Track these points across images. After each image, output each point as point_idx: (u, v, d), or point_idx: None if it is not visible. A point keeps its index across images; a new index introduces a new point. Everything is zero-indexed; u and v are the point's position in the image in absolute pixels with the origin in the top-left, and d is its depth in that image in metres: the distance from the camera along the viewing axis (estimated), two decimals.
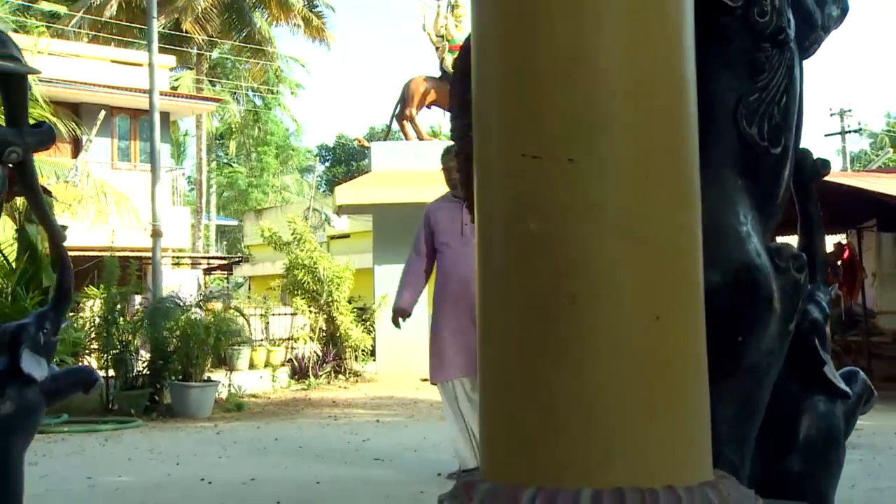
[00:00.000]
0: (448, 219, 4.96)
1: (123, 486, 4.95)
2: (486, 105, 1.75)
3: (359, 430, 7.48)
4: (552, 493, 1.57)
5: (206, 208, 29.45)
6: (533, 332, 1.64)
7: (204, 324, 9.10)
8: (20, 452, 3.45)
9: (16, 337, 3.46)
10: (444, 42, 12.65)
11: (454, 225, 4.92)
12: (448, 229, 4.93)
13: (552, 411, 1.61)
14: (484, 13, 1.78)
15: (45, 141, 3.70)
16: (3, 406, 3.37)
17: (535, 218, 1.64)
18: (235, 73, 28.90)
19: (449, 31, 12.68)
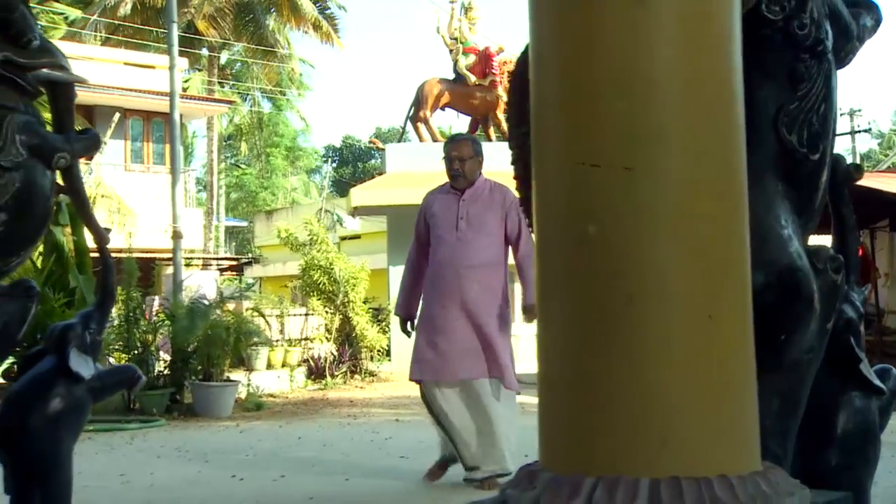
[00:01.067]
0: (443, 210, 4.77)
1: (157, 483, 5.06)
2: (546, 116, 1.85)
3: (379, 428, 7.58)
4: (612, 481, 1.66)
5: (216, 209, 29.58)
6: (591, 330, 1.74)
7: (224, 324, 9.22)
8: (69, 448, 3.56)
9: (63, 336, 3.58)
10: (458, 44, 12.75)
11: (449, 217, 4.72)
12: (443, 222, 4.73)
13: (610, 405, 1.71)
14: (542, 28, 1.88)
15: (90, 147, 3.82)
16: (53, 403, 3.49)
17: (593, 222, 1.74)
18: (246, 74, 29.04)
19: (463, 33, 12.78)
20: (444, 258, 4.65)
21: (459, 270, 4.57)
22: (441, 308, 4.60)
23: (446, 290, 4.59)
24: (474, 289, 4.55)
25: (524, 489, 1.77)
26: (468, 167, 4.76)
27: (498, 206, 4.69)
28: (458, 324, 4.54)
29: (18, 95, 3.44)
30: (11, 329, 3.43)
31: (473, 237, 4.62)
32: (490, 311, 4.57)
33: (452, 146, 4.90)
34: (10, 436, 3.47)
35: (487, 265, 4.59)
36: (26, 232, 3.51)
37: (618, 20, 1.75)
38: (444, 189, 4.88)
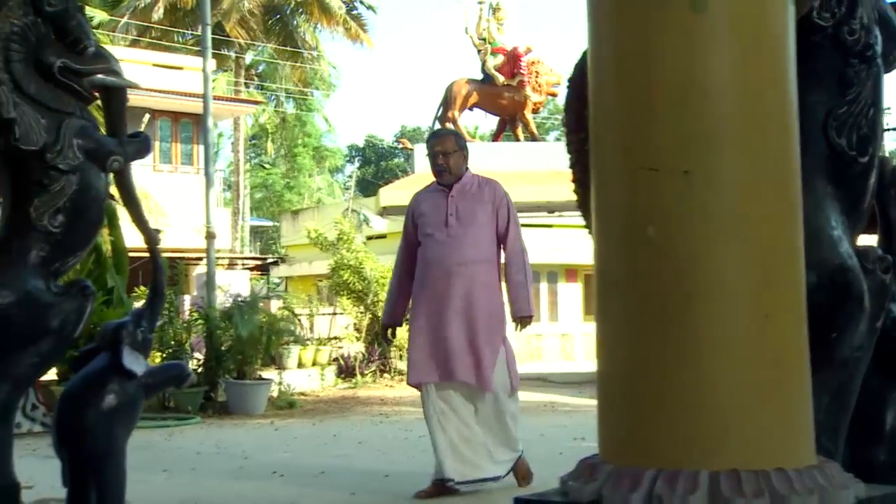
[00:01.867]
0: (432, 208, 4.56)
1: (200, 478, 5.17)
2: (604, 122, 1.92)
3: (412, 426, 7.65)
4: (673, 473, 1.73)
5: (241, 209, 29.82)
6: (651, 328, 1.81)
7: (258, 323, 9.35)
8: (123, 442, 3.67)
9: (116, 335, 3.69)
10: (487, 45, 12.82)
11: (438, 215, 4.51)
12: (432, 220, 4.53)
13: (670, 400, 1.78)
14: (600, 36, 1.95)
15: (142, 150, 3.93)
16: (108, 399, 3.60)
17: (653, 224, 1.81)
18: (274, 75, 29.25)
19: (491, 33, 12.86)
20: (434, 256, 4.48)
21: (451, 268, 4.41)
22: (433, 308, 4.44)
23: (438, 289, 4.43)
24: (466, 286, 4.39)
25: (585, 481, 1.85)
26: (453, 161, 4.56)
27: (488, 201, 4.52)
28: (451, 323, 4.38)
29: (75, 100, 3.56)
30: (68, 327, 3.55)
31: (464, 233, 4.45)
32: (483, 308, 4.41)
33: (435, 141, 4.72)
34: (67, 431, 3.59)
35: (479, 261, 4.44)
36: (82, 233, 3.63)
37: (675, 28, 1.82)
38: (431, 188, 4.71)
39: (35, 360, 3.47)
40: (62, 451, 3.62)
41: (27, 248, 3.43)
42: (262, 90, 30.26)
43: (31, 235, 3.43)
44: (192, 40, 26.07)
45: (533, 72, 12.77)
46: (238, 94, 26.79)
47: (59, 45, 3.49)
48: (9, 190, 3.48)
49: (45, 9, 3.43)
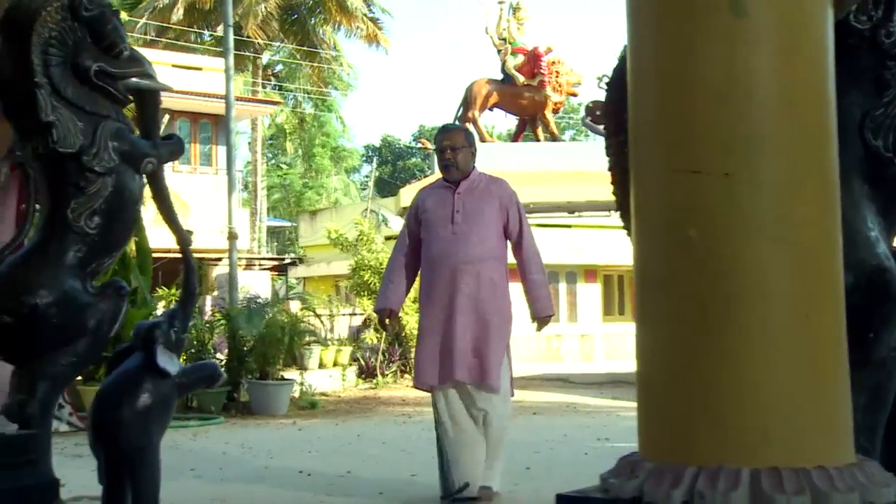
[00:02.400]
0: (438, 205, 4.45)
1: (228, 477, 5.24)
2: (645, 125, 1.96)
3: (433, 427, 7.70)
4: (714, 471, 1.77)
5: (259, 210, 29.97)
6: (692, 329, 1.85)
7: (280, 324, 9.44)
8: (158, 441, 3.73)
9: (150, 334, 3.75)
10: (507, 45, 12.87)
11: (444, 212, 4.40)
12: (437, 217, 4.41)
13: (711, 399, 1.82)
14: (640, 41, 1.99)
15: (175, 152, 4.00)
16: (142, 398, 3.66)
17: (694, 226, 1.85)
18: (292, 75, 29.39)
19: (511, 33, 12.90)
20: (439, 254, 4.36)
21: (457, 266, 4.29)
22: (439, 307, 4.32)
23: (443, 287, 4.31)
24: (472, 284, 4.28)
25: (626, 478, 1.88)
26: (461, 157, 4.44)
27: (496, 199, 4.42)
28: (458, 323, 4.27)
29: (110, 103, 3.63)
30: (104, 327, 3.63)
31: (470, 231, 4.34)
32: (489, 307, 4.30)
33: (444, 136, 4.54)
34: (103, 429, 3.66)
35: (485, 259, 4.32)
36: (118, 234, 3.71)
37: (716, 33, 1.86)
38: (437, 184, 4.60)
39: (72, 360, 3.55)
40: (98, 449, 3.69)
41: (65, 249, 3.50)
42: (280, 91, 30.40)
43: (68, 237, 3.50)
44: (210, 41, 26.25)
45: (553, 72, 12.80)
46: (255, 94, 26.94)
47: (95, 49, 3.57)
48: (46, 192, 3.56)
49: (82, 13, 3.50)
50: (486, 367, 4.26)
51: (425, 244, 4.44)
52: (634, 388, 7.96)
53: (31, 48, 3.38)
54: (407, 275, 4.57)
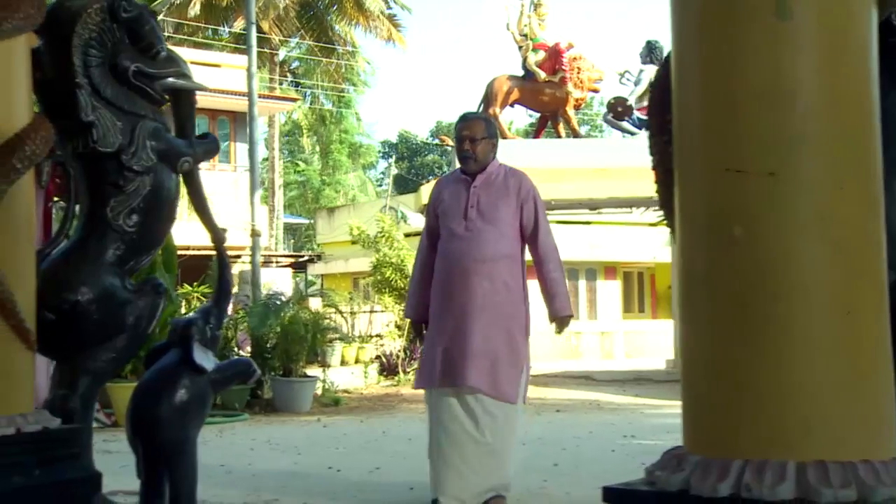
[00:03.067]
0: (452, 199, 4.24)
1: (258, 473, 5.32)
2: (690, 125, 2.01)
3: None
4: (760, 464, 1.82)
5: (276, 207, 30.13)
6: (737, 325, 1.91)
7: (302, 321, 9.53)
8: (195, 436, 3.82)
9: (186, 331, 3.84)
10: (528, 41, 12.90)
11: (458, 206, 4.20)
12: (451, 211, 4.22)
13: (757, 394, 1.87)
14: (685, 44, 2.05)
15: (211, 150, 4.08)
16: (179, 394, 3.75)
17: (738, 224, 1.90)
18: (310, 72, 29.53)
19: (532, 29, 12.93)
20: (451, 252, 4.16)
21: (468, 265, 4.07)
22: (450, 308, 4.11)
23: (454, 287, 4.10)
24: (484, 285, 4.06)
25: (672, 471, 1.94)
26: (480, 149, 4.22)
27: (513, 194, 4.19)
28: (469, 325, 4.03)
29: (148, 103, 3.71)
30: (143, 324, 3.71)
31: (484, 228, 4.12)
32: (504, 309, 4.08)
33: (463, 125, 4.32)
34: (141, 425, 3.75)
35: (499, 259, 4.10)
36: (155, 232, 3.79)
37: (761, 35, 1.91)
38: (454, 176, 4.41)
39: (112, 356, 3.63)
40: (136, 444, 3.78)
41: (104, 247, 3.58)
42: (297, 87, 30.53)
43: (107, 235, 3.59)
44: (227, 37, 26.39)
45: (575, 68, 12.82)
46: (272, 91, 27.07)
47: (132, 50, 3.64)
48: (86, 191, 3.64)
49: (120, 15, 3.58)
50: (498, 375, 4.04)
51: (440, 240, 4.25)
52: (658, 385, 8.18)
53: (73, 49, 3.46)
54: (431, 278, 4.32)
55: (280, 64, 29.39)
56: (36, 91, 3.39)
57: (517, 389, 4.11)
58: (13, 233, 3.20)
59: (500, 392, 4.04)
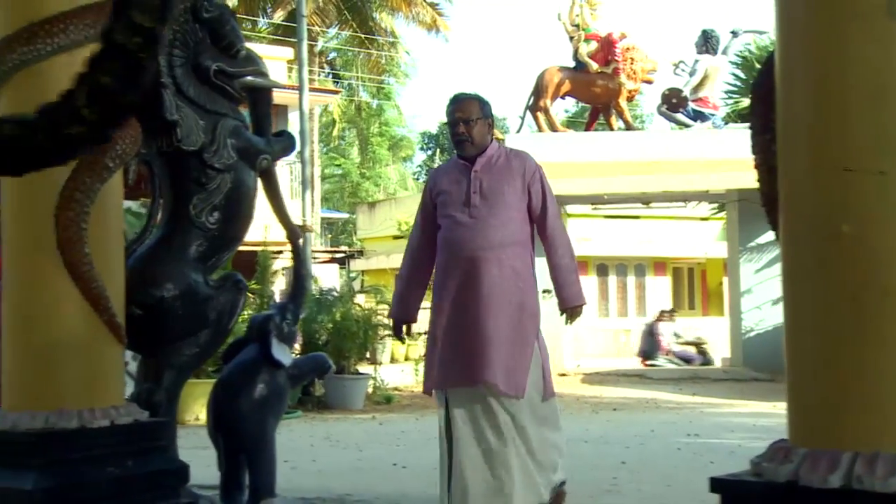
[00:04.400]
0: (452, 186, 4.06)
1: (324, 469, 5.49)
2: (796, 124, 2.10)
3: None
4: (871, 456, 1.91)
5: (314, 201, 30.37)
6: (846, 320, 1.99)
7: (354, 317, 9.71)
8: (273, 430, 3.99)
9: (264, 327, 4.01)
10: (580, 31, 12.93)
11: (459, 193, 4.02)
12: (452, 199, 4.03)
13: (867, 388, 1.96)
14: (790, 43, 2.14)
15: (288, 148, 4.24)
16: (258, 389, 3.92)
17: (847, 221, 1.99)
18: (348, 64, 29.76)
19: (584, 19, 12.97)
20: (455, 241, 3.98)
21: (475, 253, 3.91)
22: (455, 300, 3.92)
23: (461, 277, 3.92)
24: (492, 273, 3.89)
25: (780, 462, 2.04)
26: (476, 130, 4.03)
27: (517, 176, 4.02)
28: (476, 318, 3.86)
29: (228, 101, 3.88)
30: (224, 319, 3.87)
31: (489, 213, 3.95)
32: (513, 299, 3.91)
33: (455, 106, 4.10)
34: (222, 419, 3.92)
35: (507, 245, 3.94)
36: (236, 228, 3.95)
37: (870, 33, 1.99)
38: (452, 162, 4.24)
39: (195, 350, 3.80)
40: (217, 438, 3.95)
41: (187, 244, 3.76)
42: (336, 79, 30.76)
43: (190, 232, 3.76)
44: (266, 28, 26.66)
45: (628, 58, 12.83)
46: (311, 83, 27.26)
47: (213, 50, 3.81)
48: (170, 189, 3.81)
49: (202, 15, 3.75)
50: (511, 368, 3.84)
51: (441, 230, 4.08)
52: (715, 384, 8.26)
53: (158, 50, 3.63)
54: (422, 273, 4.19)
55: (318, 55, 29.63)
56: None
57: (527, 381, 3.87)
58: (104, 230, 3.38)
59: (514, 385, 3.84)
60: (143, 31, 1.48)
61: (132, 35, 1.47)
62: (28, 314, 3.28)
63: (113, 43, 1.47)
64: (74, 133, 1.37)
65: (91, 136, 1.45)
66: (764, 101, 2.20)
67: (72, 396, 3.24)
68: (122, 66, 1.46)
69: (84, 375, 3.28)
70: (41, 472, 3.09)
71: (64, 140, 1.39)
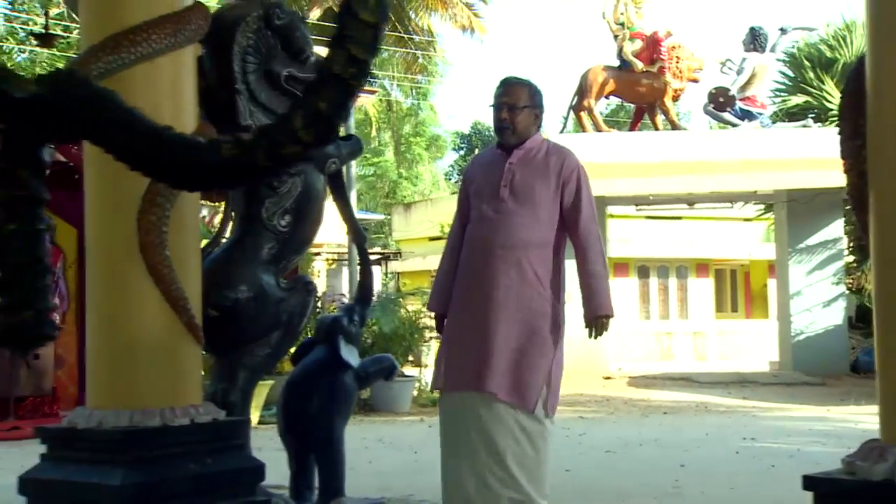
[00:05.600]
0: (485, 175, 3.86)
1: (383, 471, 5.60)
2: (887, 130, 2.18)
3: (568, 425, 7.96)
4: None
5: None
6: None
7: (401, 319, 9.83)
8: (342, 429, 4.11)
9: (332, 329, 4.13)
10: (624, 30, 12.97)
11: (490, 184, 3.79)
12: (483, 190, 3.82)
13: None
14: (882, 47, 2.21)
15: (355, 151, 4.36)
16: (328, 389, 4.04)
17: None
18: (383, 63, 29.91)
19: (629, 18, 13.01)
20: (477, 237, 3.78)
21: (494, 251, 3.68)
22: (470, 301, 3.73)
23: (477, 277, 3.71)
24: (511, 275, 3.66)
25: (875, 462, 2.11)
26: (521, 119, 3.79)
27: (553, 174, 3.76)
28: (490, 322, 3.64)
29: None
30: (295, 321, 4.00)
31: (516, 210, 3.73)
32: (532, 304, 3.66)
33: (503, 90, 3.86)
34: (291, 420, 4.04)
35: (530, 247, 3.70)
36: (306, 231, 4.07)
37: None
38: (490, 150, 4.02)
39: (268, 351, 3.92)
40: (288, 437, 4.08)
41: (260, 247, 3.88)
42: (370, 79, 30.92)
43: (263, 235, 3.89)
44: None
45: (673, 57, 12.86)
46: None
47: (284, 56, 3.94)
48: (242, 193, 3.94)
49: (274, 22, 3.88)
50: (522, 379, 3.62)
51: (470, 223, 3.87)
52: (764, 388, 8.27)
53: (233, 57, 3.77)
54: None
55: None
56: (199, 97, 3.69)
57: (538, 397, 3.62)
58: (183, 234, 3.51)
59: (521, 399, 3.61)
60: (359, 63, 1.65)
61: (349, 66, 1.64)
62: (111, 315, 3.42)
63: (330, 73, 1.64)
64: (290, 152, 1.51)
65: (304, 154, 1.60)
66: (853, 106, 2.27)
67: (154, 395, 3.37)
68: (338, 94, 1.64)
69: (165, 375, 3.41)
70: (127, 469, 3.22)
71: (281, 158, 1.53)
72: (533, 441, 3.64)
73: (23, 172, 1.61)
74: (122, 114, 1.65)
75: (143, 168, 1.69)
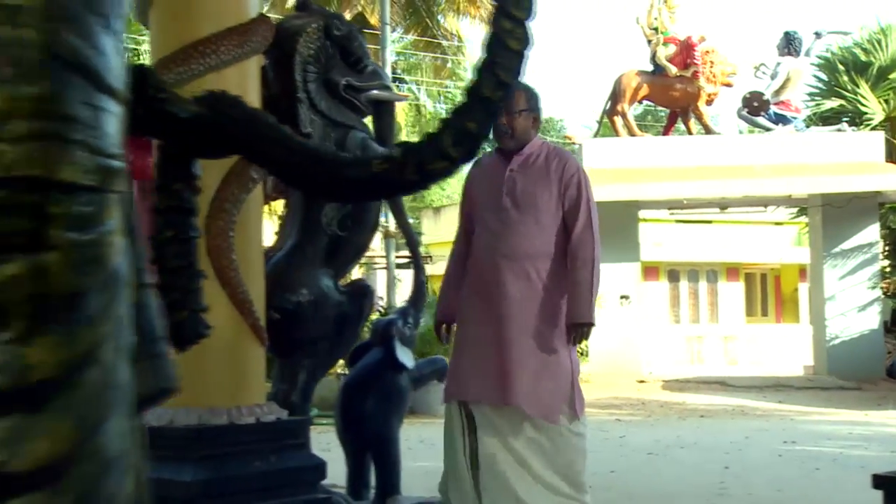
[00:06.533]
0: (486, 183, 3.78)
1: (431, 471, 5.64)
2: None
3: (606, 427, 8.04)
4: None
5: None
6: None
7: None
8: (397, 430, 4.21)
9: (387, 331, 4.23)
10: (658, 34, 13.01)
11: (492, 192, 3.71)
12: (484, 198, 3.75)
13: None
14: None
15: None
16: (384, 391, 4.15)
17: None
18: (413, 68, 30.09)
19: (663, 22, 13.05)
20: (482, 246, 3.70)
21: (499, 262, 3.61)
22: (478, 313, 3.66)
23: (486, 289, 3.64)
24: (520, 287, 3.60)
25: None
26: (519, 123, 3.71)
27: (554, 179, 3.66)
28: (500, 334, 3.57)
29: (355, 115, 4.12)
30: (353, 324, 4.11)
31: (519, 219, 3.65)
32: (541, 315, 3.60)
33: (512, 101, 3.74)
34: (350, 421, 4.15)
35: (537, 256, 3.63)
36: (363, 237, 4.19)
37: None
38: (489, 156, 3.92)
39: (326, 353, 4.04)
40: (345, 438, 4.19)
41: (319, 252, 4.00)
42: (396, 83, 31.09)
43: (322, 240, 4.00)
44: None
45: (707, 62, 12.88)
46: None
47: (342, 65, 4.05)
48: (302, 199, 4.06)
49: (334, 33, 4.00)
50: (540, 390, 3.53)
51: (475, 233, 3.78)
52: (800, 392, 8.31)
53: (294, 67, 3.89)
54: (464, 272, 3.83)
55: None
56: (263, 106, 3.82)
57: (563, 405, 3.56)
58: (247, 238, 3.63)
59: (543, 410, 3.53)
60: (505, 86, 1.78)
61: (497, 90, 1.77)
62: None
63: (479, 95, 1.78)
64: (438, 168, 1.63)
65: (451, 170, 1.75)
66: None
67: (221, 395, 3.49)
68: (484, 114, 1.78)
69: (232, 375, 3.53)
70: (197, 465, 3.35)
71: (428, 173, 1.65)
72: (566, 446, 3.59)
73: (178, 185, 1.74)
74: (275, 132, 1.76)
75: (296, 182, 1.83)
